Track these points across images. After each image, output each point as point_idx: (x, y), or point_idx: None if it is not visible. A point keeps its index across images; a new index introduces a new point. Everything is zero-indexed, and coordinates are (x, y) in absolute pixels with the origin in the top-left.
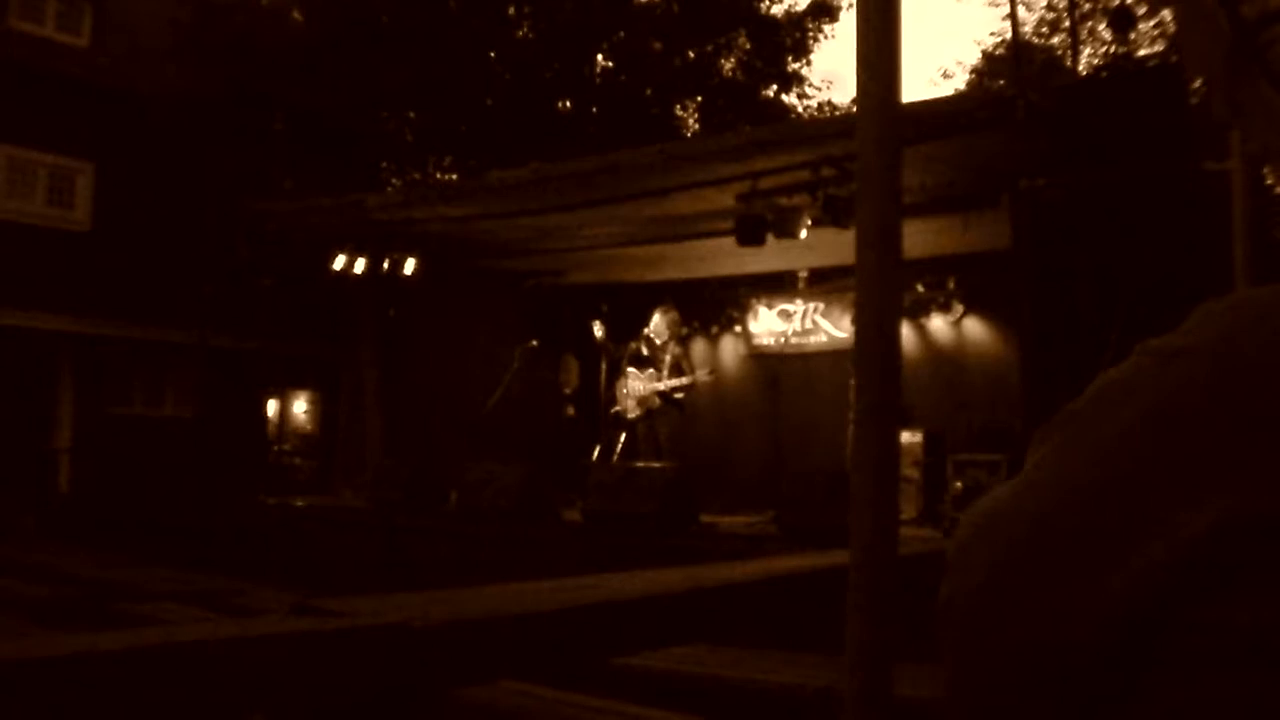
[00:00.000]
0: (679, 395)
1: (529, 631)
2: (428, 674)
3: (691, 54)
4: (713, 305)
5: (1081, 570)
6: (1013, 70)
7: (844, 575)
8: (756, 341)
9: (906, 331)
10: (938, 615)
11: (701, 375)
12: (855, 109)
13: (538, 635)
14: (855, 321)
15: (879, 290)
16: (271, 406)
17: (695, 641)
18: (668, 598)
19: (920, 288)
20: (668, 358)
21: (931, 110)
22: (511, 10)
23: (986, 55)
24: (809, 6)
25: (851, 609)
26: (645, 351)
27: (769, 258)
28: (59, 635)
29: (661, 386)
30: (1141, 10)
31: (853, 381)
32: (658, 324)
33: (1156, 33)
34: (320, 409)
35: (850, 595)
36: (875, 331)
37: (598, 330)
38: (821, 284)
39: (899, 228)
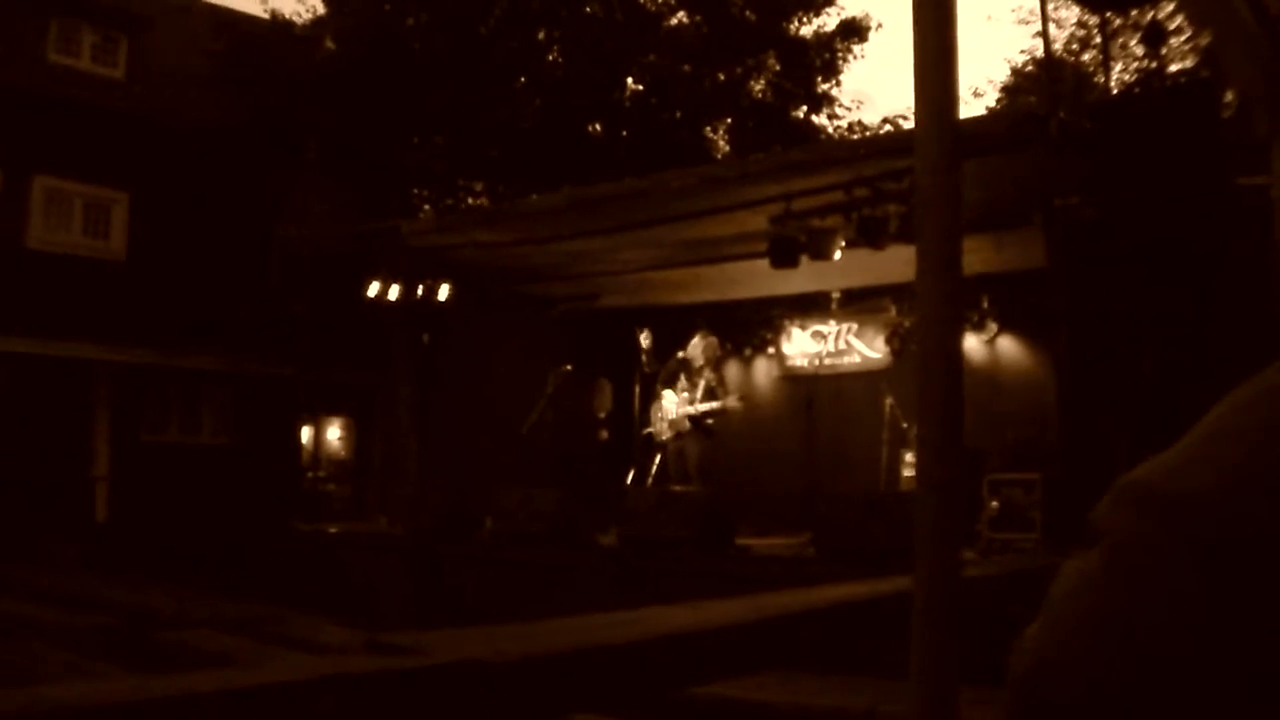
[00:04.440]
0: (709, 421)
1: (603, 665)
2: (505, 711)
3: (721, 76)
4: (746, 327)
5: None
6: (1045, 88)
7: (904, 600)
8: (790, 363)
9: None
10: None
11: (731, 401)
12: (886, 129)
13: (612, 669)
14: (919, 344)
15: (942, 312)
16: (305, 433)
17: (762, 670)
18: (737, 628)
19: None
20: (702, 382)
21: (964, 129)
22: (542, 35)
23: (1016, 72)
24: (838, 27)
25: (916, 634)
26: (681, 374)
27: (802, 279)
28: (145, 677)
29: (692, 411)
30: (1172, 25)
31: (888, 401)
32: (695, 348)
33: (1187, 48)
34: (354, 435)
35: (915, 620)
36: (939, 353)
37: (644, 341)
38: (854, 305)
39: (960, 250)
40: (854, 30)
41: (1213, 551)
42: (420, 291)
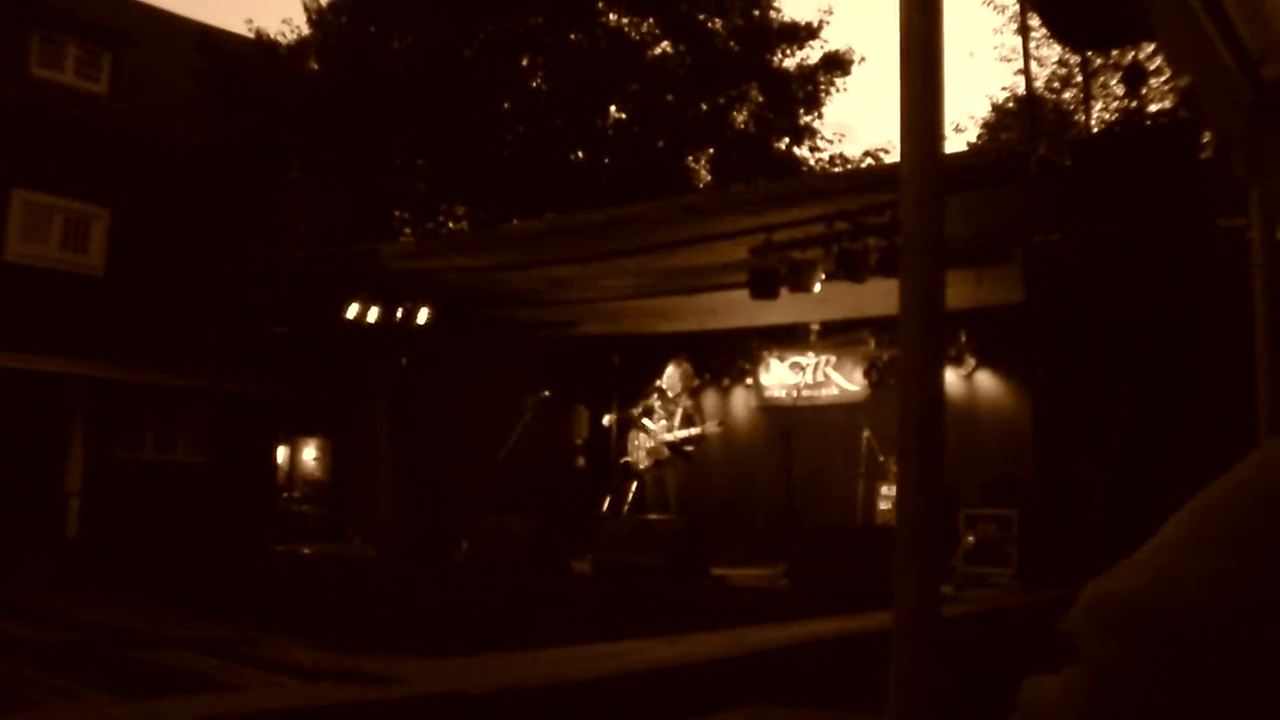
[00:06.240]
0: (689, 448)
1: (581, 699)
2: None
3: (704, 106)
4: (724, 357)
5: None
6: (1026, 125)
7: (884, 637)
8: (768, 394)
9: None
10: None
11: (710, 427)
12: (868, 162)
13: (590, 702)
14: (898, 376)
15: (921, 349)
16: (281, 453)
17: (740, 706)
18: (717, 663)
19: None
20: (679, 410)
21: (946, 164)
22: (526, 61)
23: (998, 109)
24: (821, 60)
25: (895, 669)
26: (658, 403)
27: (781, 310)
28: (119, 703)
29: (671, 438)
30: (1152, 66)
31: (866, 434)
32: (671, 376)
33: (1167, 88)
34: (330, 456)
35: (894, 654)
36: (918, 390)
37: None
38: (833, 337)
39: (943, 283)
40: (836, 63)
41: (1200, 671)
42: (399, 314)
